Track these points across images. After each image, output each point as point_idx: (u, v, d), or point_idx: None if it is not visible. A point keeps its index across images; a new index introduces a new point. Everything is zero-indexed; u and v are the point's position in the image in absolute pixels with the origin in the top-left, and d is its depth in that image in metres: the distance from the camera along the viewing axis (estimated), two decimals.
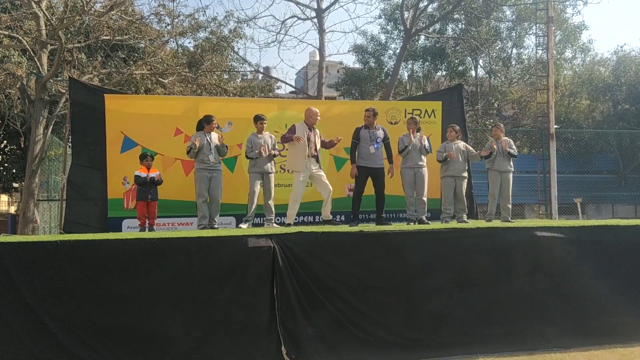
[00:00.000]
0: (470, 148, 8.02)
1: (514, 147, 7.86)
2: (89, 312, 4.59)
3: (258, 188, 7.32)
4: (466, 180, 7.88)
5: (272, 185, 7.46)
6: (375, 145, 7.34)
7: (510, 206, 7.76)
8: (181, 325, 4.72)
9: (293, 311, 4.93)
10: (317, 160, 7.39)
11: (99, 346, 4.54)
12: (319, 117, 7.50)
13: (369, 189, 7.46)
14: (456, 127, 7.96)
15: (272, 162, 7.53)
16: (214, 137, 7.35)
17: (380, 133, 7.47)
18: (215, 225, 7.23)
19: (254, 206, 7.35)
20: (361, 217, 7.66)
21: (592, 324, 5.51)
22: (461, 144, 7.89)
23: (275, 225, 7.38)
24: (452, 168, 7.69)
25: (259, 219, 7.73)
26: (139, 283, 4.72)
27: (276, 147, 7.65)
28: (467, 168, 7.92)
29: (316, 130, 7.50)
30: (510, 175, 7.75)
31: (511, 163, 7.75)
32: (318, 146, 7.44)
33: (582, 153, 17.27)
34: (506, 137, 7.94)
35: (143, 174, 7.59)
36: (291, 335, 4.89)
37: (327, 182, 7.40)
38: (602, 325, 5.53)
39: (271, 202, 7.43)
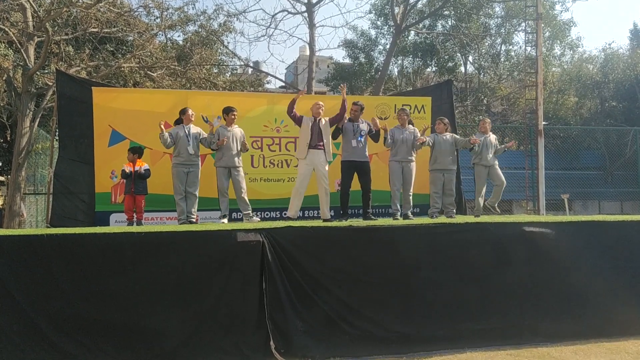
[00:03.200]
0: (457, 137, 8.03)
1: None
2: (77, 307, 4.55)
3: (226, 183, 7.24)
4: (454, 173, 7.83)
5: (242, 179, 7.33)
6: (359, 138, 7.31)
7: (501, 192, 7.94)
8: (169, 320, 4.70)
9: (282, 306, 4.92)
10: (325, 154, 7.18)
11: (87, 341, 4.51)
12: (321, 109, 7.30)
13: (357, 184, 7.44)
14: (445, 120, 7.92)
15: (239, 156, 7.39)
16: (193, 129, 7.27)
17: (365, 126, 7.44)
18: (193, 219, 7.18)
19: (226, 202, 7.30)
20: (350, 212, 7.65)
21: (578, 319, 5.56)
22: (449, 135, 7.84)
23: (255, 219, 7.32)
24: (440, 161, 7.64)
25: (238, 213, 7.70)
26: (127, 277, 4.69)
27: (245, 142, 7.50)
28: (455, 161, 7.89)
29: (324, 121, 7.31)
30: (497, 166, 7.91)
31: (496, 158, 7.98)
32: (326, 139, 7.21)
33: (570, 150, 17.41)
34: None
35: (128, 168, 7.57)
36: (280, 330, 4.89)
37: (326, 180, 7.21)
38: (588, 320, 5.58)
39: (244, 196, 7.31)
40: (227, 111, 7.39)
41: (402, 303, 5.24)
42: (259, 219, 7.42)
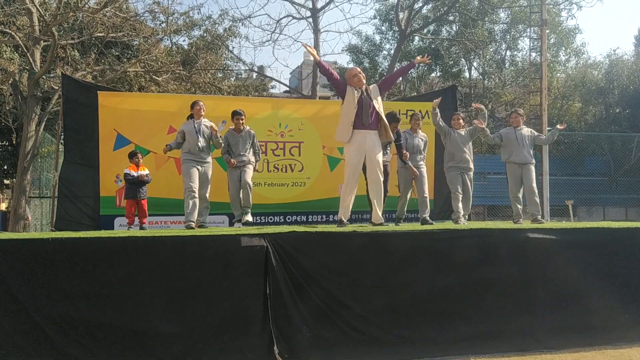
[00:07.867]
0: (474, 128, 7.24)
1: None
2: (81, 311, 4.56)
3: (238, 184, 6.91)
4: (472, 173, 7.22)
5: (249, 179, 6.92)
6: None
7: (537, 200, 6.90)
8: (173, 324, 4.70)
9: (286, 311, 4.92)
10: (378, 137, 5.76)
11: (91, 344, 4.51)
12: (361, 76, 5.79)
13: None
14: (461, 115, 7.37)
15: (250, 153, 7.07)
16: (204, 123, 6.83)
17: None
18: (205, 225, 6.80)
19: (238, 206, 7.05)
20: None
21: (582, 326, 5.54)
22: (466, 132, 7.21)
23: (248, 218, 6.95)
24: (458, 158, 7.05)
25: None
26: (131, 281, 4.69)
27: (256, 143, 7.19)
28: (473, 160, 7.22)
29: (374, 92, 5.81)
30: (532, 167, 6.95)
31: (531, 153, 6.99)
32: (379, 114, 5.78)
33: (574, 156, 17.39)
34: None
35: (133, 172, 7.55)
36: (284, 335, 4.88)
37: (379, 171, 5.83)
38: (592, 327, 5.56)
39: (249, 197, 6.92)
40: (233, 115, 7.08)
41: (408, 309, 5.22)
42: (251, 220, 7.07)
